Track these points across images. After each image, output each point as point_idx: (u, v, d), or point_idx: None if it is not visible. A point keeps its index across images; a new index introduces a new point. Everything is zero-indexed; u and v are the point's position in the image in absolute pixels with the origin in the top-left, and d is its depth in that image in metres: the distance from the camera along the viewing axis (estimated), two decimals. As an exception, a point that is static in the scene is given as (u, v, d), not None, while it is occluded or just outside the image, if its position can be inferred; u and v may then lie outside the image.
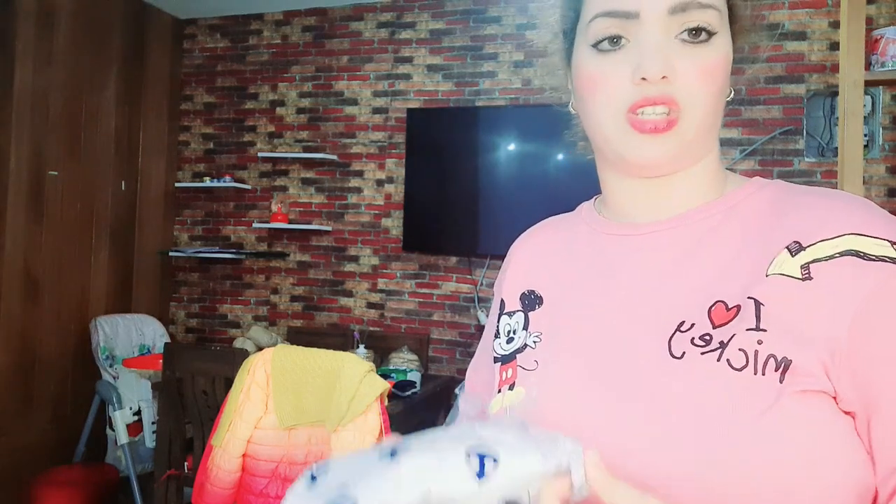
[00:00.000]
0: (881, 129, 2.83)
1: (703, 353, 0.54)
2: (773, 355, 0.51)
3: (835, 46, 2.91)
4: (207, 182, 3.84)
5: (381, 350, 3.34)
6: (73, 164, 3.34)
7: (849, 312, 0.51)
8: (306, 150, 3.77)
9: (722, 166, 0.65)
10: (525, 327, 0.68)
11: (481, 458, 0.47)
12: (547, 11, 0.68)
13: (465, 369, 2.95)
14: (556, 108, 0.73)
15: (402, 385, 2.77)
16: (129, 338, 3.45)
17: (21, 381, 3.08)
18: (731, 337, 0.53)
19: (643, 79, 0.56)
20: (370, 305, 3.64)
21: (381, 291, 3.62)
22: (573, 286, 0.67)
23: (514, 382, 0.65)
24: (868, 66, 1.78)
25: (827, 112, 2.92)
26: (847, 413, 0.51)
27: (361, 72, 3.69)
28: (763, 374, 0.51)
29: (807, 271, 0.53)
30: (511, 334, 0.69)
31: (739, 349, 0.52)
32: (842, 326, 0.51)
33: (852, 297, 0.51)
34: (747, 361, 0.52)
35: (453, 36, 3.52)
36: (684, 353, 0.55)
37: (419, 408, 2.80)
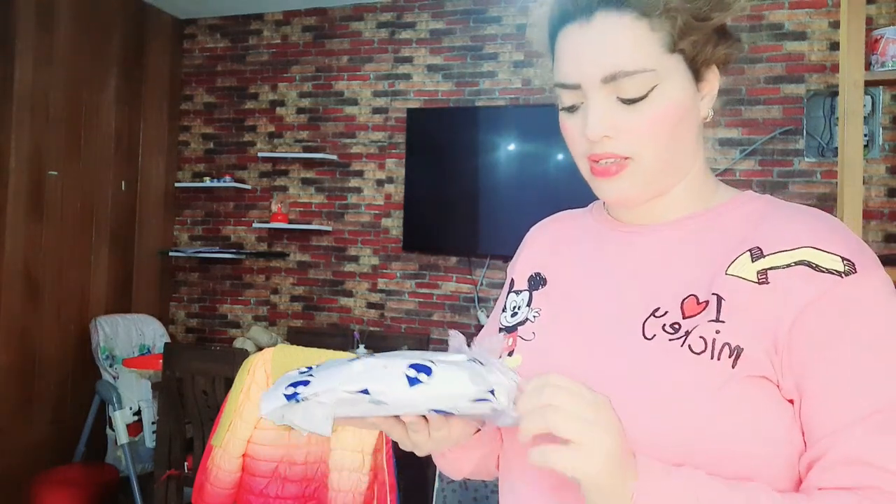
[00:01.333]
0: (881, 129, 2.83)
1: (670, 340, 0.63)
2: (727, 343, 0.60)
3: (835, 46, 2.91)
4: (207, 182, 3.84)
5: (381, 350, 3.34)
6: (73, 164, 3.34)
7: (792, 313, 0.59)
8: (306, 150, 3.77)
9: (710, 179, 0.74)
10: (528, 304, 0.78)
11: (417, 369, 0.58)
12: (543, 59, 0.77)
13: (465, 369, 2.87)
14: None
15: (402, 385, 2.77)
16: (129, 338, 3.45)
17: (21, 381, 3.08)
18: (695, 327, 0.62)
19: (585, 138, 0.66)
20: (370, 305, 3.64)
21: (381, 291, 3.62)
22: (573, 271, 0.77)
23: (513, 350, 0.75)
24: (868, 66, 1.78)
25: (827, 112, 2.92)
26: (789, 401, 0.61)
27: (361, 72, 3.69)
28: (718, 359, 0.60)
29: (764, 276, 0.61)
30: (516, 309, 0.80)
31: (700, 336, 0.61)
32: (786, 325, 0.59)
33: (797, 301, 0.59)
34: (705, 347, 0.61)
35: (453, 36, 3.52)
36: (654, 335, 0.64)
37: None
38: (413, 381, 0.58)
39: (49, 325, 3.21)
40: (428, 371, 0.58)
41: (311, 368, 0.64)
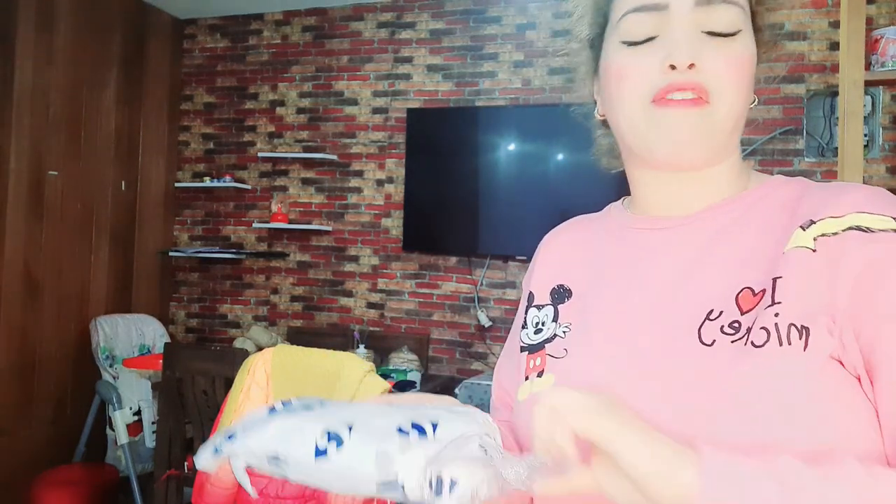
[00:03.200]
0: (881, 129, 2.83)
1: (733, 342, 0.56)
2: (792, 324, 0.54)
3: (835, 46, 2.91)
4: (207, 182, 3.84)
5: (381, 350, 3.34)
6: (73, 164, 3.34)
7: (850, 279, 0.54)
8: (306, 150, 3.77)
9: (744, 166, 0.67)
10: (555, 319, 0.70)
11: (329, 438, 0.51)
12: (575, 24, 0.69)
13: (465, 369, 2.97)
14: (577, 117, 0.77)
15: (402, 385, 2.77)
16: (129, 338, 3.45)
17: (21, 381, 3.08)
18: (755, 320, 0.56)
19: (672, 67, 0.58)
20: (370, 305, 3.64)
21: (381, 291, 3.62)
22: (602, 279, 0.69)
23: (542, 370, 0.67)
24: (868, 66, 1.78)
25: (827, 112, 2.92)
26: (855, 377, 0.54)
27: (361, 72, 3.69)
28: (789, 344, 0.53)
29: (817, 243, 0.56)
30: (539, 325, 0.72)
31: (761, 328, 0.55)
32: (843, 292, 0.54)
33: (854, 265, 0.54)
34: (769, 336, 0.54)
35: (453, 36, 3.52)
36: (714, 340, 0.57)
37: (419, 408, 2.79)
38: (319, 453, 0.50)
39: (49, 325, 3.21)
40: (339, 441, 0.50)
41: (288, 404, 0.59)
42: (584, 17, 0.67)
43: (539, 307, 0.74)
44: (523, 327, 0.74)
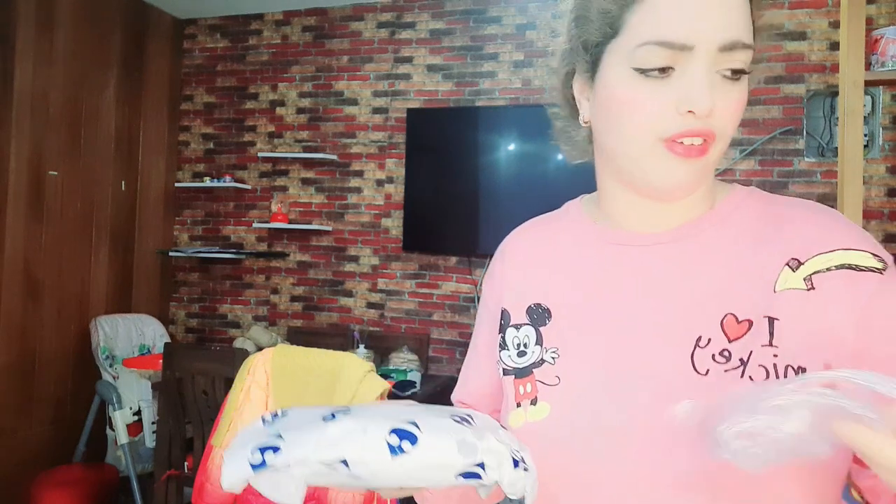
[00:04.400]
0: (881, 129, 2.83)
1: (726, 371, 0.57)
2: (790, 365, 0.56)
3: (835, 46, 2.91)
4: (207, 182, 3.84)
5: (381, 350, 3.34)
6: (73, 164, 3.34)
7: (851, 318, 0.56)
8: (306, 150, 3.77)
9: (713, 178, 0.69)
10: (538, 342, 0.69)
11: (400, 436, 0.51)
12: (576, 23, 0.66)
13: (466, 369, 2.85)
14: (550, 111, 0.74)
15: (402, 385, 2.77)
16: (129, 338, 3.45)
17: (21, 381, 3.08)
18: (750, 354, 0.57)
19: (686, 111, 0.57)
20: (370, 305, 3.64)
21: (381, 291, 3.62)
22: (583, 298, 0.68)
23: (535, 398, 0.66)
24: (868, 66, 1.78)
25: (827, 112, 2.92)
26: None
27: (361, 72, 3.69)
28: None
29: (810, 282, 0.58)
30: (522, 347, 0.70)
31: (759, 365, 0.56)
32: (846, 331, 0.55)
33: (852, 305, 0.56)
34: (768, 374, 0.56)
35: (453, 36, 3.52)
36: (708, 370, 0.58)
37: (419, 408, 2.79)
38: (395, 451, 0.50)
39: (49, 325, 3.21)
40: (412, 439, 0.51)
41: (276, 416, 0.57)
42: (590, 21, 0.63)
43: (517, 327, 0.71)
44: (502, 348, 0.72)
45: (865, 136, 2.81)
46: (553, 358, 0.67)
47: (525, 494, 0.54)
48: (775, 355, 0.56)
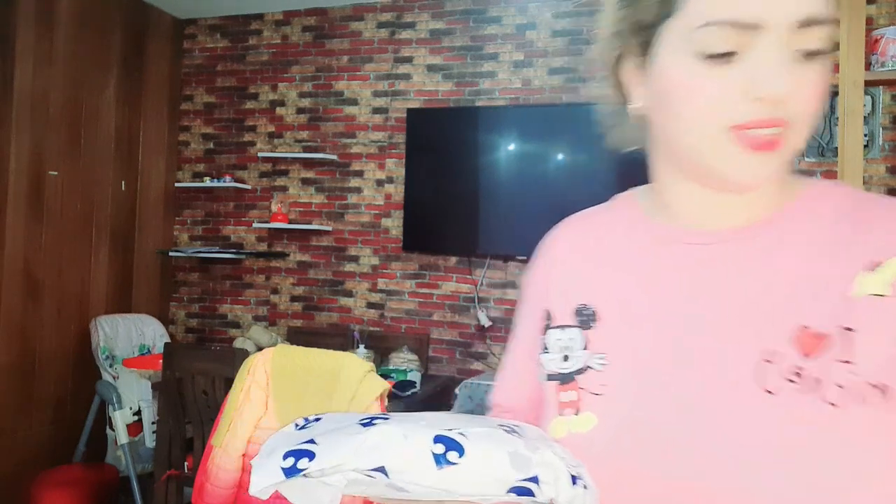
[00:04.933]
0: (881, 129, 2.83)
1: (799, 392, 0.51)
2: (870, 382, 0.49)
3: (835, 46, 2.90)
4: (207, 182, 3.84)
5: (381, 350, 3.34)
6: (73, 164, 3.34)
7: None
8: (306, 150, 3.77)
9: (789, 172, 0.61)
10: (584, 347, 0.63)
11: (447, 445, 0.47)
12: (626, 2, 0.59)
13: (466, 369, 2.97)
14: (596, 96, 0.67)
15: (402, 385, 2.77)
16: (129, 338, 3.45)
17: (21, 381, 3.08)
18: (825, 371, 0.50)
19: (756, 97, 0.50)
20: (370, 305, 3.64)
21: (381, 291, 3.62)
22: (635, 301, 0.62)
23: (579, 407, 0.61)
24: (868, 66, 1.78)
25: (827, 112, 2.92)
26: None
27: (361, 72, 3.69)
28: (869, 404, 0.49)
29: (892, 287, 0.51)
30: (566, 352, 0.64)
31: (837, 385, 0.50)
32: None
33: None
34: (845, 395, 0.49)
35: (453, 36, 3.52)
36: (778, 389, 0.52)
37: (419, 408, 2.80)
38: (441, 461, 0.46)
39: (49, 325, 3.21)
40: (459, 449, 0.47)
41: (309, 421, 0.54)
42: (639, 0, 0.56)
43: (562, 328, 0.65)
44: (545, 351, 0.66)
45: (865, 136, 2.81)
46: (601, 365, 0.61)
47: None
48: (853, 372, 0.50)
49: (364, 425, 0.49)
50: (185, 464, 2.51)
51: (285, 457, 0.47)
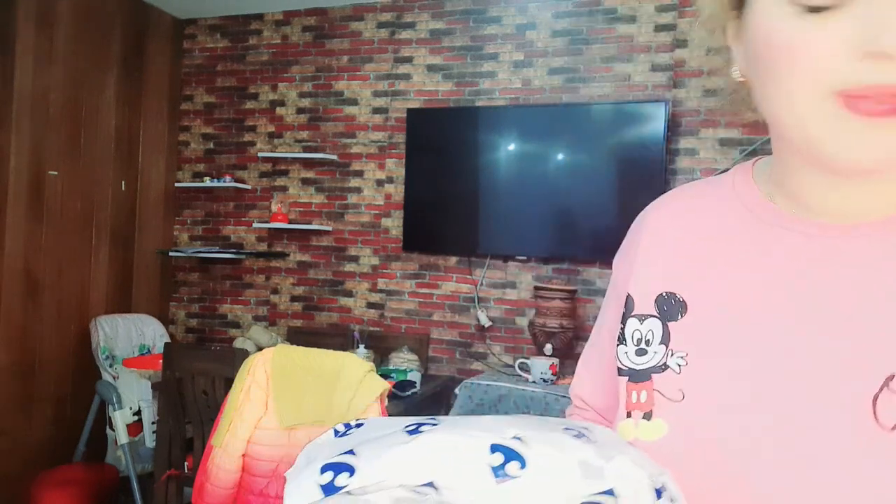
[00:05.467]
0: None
1: None
2: None
3: None
4: (207, 182, 3.84)
5: (381, 350, 3.34)
6: (73, 164, 3.34)
7: None
8: (306, 150, 3.77)
9: None
10: (664, 341, 0.55)
11: (506, 455, 0.41)
12: None
13: (465, 369, 2.97)
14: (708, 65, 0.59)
15: (403, 385, 2.77)
16: (129, 338, 3.45)
17: (21, 381, 3.08)
18: None
19: (872, 53, 0.40)
20: (370, 305, 3.64)
21: (381, 291, 3.62)
22: (733, 294, 0.53)
23: (650, 410, 0.53)
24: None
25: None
26: None
27: (361, 72, 3.69)
28: None
29: None
30: (643, 345, 0.56)
31: None
32: None
33: None
34: None
35: (453, 36, 3.52)
36: None
37: (419, 408, 2.80)
38: (500, 475, 0.40)
39: (49, 325, 3.21)
40: (520, 459, 0.40)
41: (350, 427, 0.48)
42: None
43: (641, 318, 0.57)
44: (620, 342, 0.58)
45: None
46: (679, 365, 0.53)
47: None
48: None
49: (410, 433, 0.44)
50: (185, 464, 2.51)
51: (323, 470, 0.43)
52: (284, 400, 2.02)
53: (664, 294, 0.56)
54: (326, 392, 1.99)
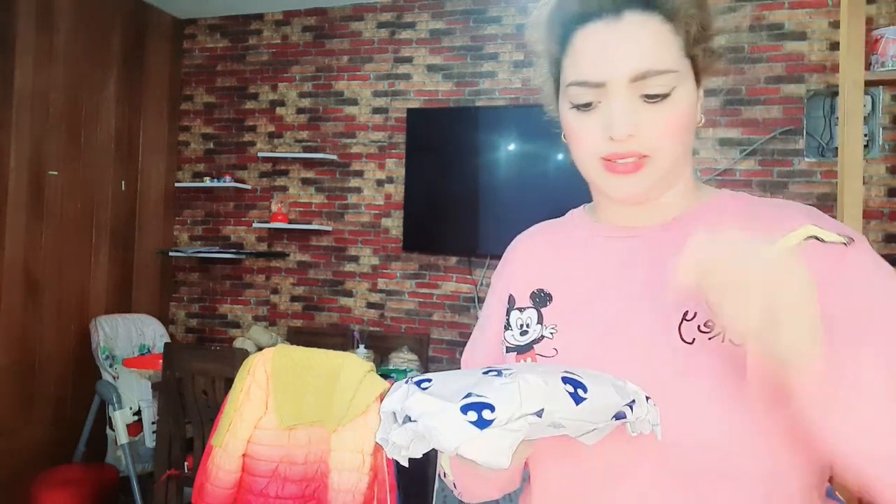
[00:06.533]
0: (881, 129, 2.83)
1: (710, 339, 0.64)
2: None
3: (835, 46, 2.91)
4: (207, 182, 3.84)
5: (381, 350, 3.34)
6: (73, 164, 3.34)
7: (832, 283, 0.61)
8: (306, 150, 3.77)
9: (696, 181, 0.77)
10: (539, 321, 0.77)
11: (573, 384, 0.54)
12: (539, 57, 0.80)
13: (465, 369, 2.85)
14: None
15: (402, 385, 2.77)
16: (129, 338, 3.45)
17: (21, 381, 3.08)
18: None
19: (610, 136, 0.66)
20: (370, 305, 3.64)
21: (381, 291, 3.62)
22: (579, 283, 0.76)
23: None
24: (868, 66, 1.78)
25: (827, 112, 2.92)
26: None
27: (361, 72, 3.69)
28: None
29: None
30: (524, 327, 0.78)
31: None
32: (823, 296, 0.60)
33: (817, 274, 0.58)
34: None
35: (453, 36, 3.52)
36: (694, 339, 0.65)
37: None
38: (577, 399, 0.53)
39: (49, 325, 3.21)
40: (583, 387, 0.55)
41: (423, 381, 0.56)
42: (543, 59, 0.78)
43: (521, 310, 0.79)
44: (507, 328, 0.80)
45: (865, 136, 2.81)
46: (552, 334, 0.75)
47: (656, 427, 0.60)
48: None
49: (496, 375, 0.54)
50: (185, 464, 2.51)
51: (464, 410, 0.49)
52: (284, 400, 2.02)
53: (535, 290, 0.79)
54: (326, 392, 1.99)
